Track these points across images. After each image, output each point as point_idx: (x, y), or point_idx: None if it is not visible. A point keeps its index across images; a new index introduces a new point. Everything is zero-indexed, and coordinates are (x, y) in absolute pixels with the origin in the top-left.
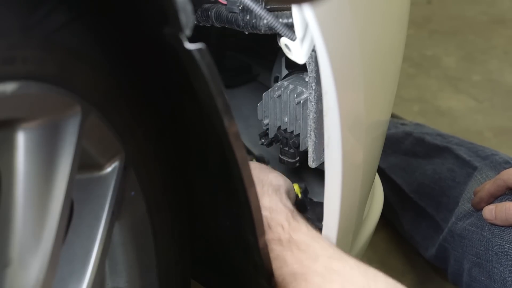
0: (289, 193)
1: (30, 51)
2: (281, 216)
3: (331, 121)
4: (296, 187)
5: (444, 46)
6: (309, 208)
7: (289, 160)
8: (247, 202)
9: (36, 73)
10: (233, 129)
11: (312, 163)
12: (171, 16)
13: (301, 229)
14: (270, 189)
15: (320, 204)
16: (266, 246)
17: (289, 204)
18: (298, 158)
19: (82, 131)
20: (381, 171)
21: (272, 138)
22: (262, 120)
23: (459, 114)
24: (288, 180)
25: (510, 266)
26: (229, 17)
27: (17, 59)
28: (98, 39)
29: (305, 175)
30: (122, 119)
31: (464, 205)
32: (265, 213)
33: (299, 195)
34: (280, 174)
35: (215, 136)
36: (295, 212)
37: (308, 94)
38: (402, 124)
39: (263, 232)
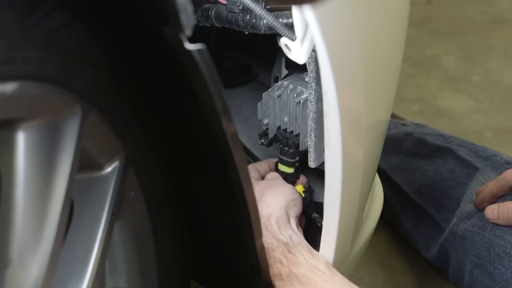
0: (287, 210)
1: (30, 51)
2: (277, 253)
3: (331, 121)
4: (299, 188)
5: (444, 46)
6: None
7: (289, 160)
8: (245, 203)
9: (36, 73)
10: (232, 130)
11: (312, 163)
12: (172, 16)
13: (300, 262)
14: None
15: (320, 204)
16: (263, 248)
17: (283, 235)
18: (298, 158)
19: (82, 131)
20: (381, 171)
21: (272, 138)
22: (262, 120)
23: (459, 114)
24: (288, 190)
25: (511, 267)
26: (229, 17)
27: (17, 59)
28: (98, 39)
29: (305, 175)
30: (122, 119)
31: (466, 206)
32: None
33: (302, 195)
34: (280, 184)
35: (214, 136)
36: (290, 244)
37: (308, 94)
38: (403, 124)
39: (260, 234)
